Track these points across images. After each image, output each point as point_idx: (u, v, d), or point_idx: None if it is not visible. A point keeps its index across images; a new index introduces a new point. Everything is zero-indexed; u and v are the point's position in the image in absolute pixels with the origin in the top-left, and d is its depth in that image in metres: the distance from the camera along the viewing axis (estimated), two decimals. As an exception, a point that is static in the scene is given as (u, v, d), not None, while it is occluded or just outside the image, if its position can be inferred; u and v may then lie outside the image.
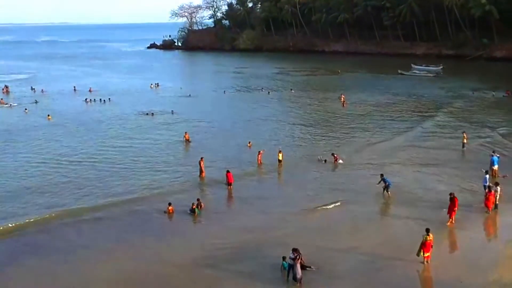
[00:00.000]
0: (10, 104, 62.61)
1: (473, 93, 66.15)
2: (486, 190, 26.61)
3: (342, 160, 35.54)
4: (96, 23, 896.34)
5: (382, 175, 29.35)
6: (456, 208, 24.57)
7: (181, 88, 77.87)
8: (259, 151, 35.96)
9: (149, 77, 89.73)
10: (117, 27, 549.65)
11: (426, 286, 20.00)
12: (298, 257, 19.41)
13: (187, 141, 42.20)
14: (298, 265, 19.31)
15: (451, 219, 24.59)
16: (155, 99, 67.49)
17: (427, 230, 20.97)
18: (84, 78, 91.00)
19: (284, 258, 20.24)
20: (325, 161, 35.52)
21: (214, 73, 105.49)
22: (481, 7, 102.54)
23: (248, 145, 39.84)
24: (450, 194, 25.16)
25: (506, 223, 25.33)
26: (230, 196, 29.96)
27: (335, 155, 35.49)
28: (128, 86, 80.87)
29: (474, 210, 26.45)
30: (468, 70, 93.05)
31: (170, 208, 26.63)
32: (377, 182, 29.15)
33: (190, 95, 70.04)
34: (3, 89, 74.51)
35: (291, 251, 19.63)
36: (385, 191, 28.74)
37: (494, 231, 25.42)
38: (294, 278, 19.35)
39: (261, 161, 35.35)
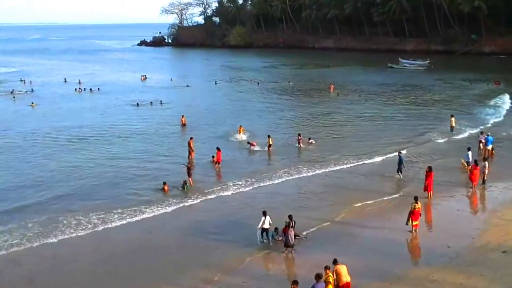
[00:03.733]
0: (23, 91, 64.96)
1: (470, 83, 66.18)
2: (472, 165, 26.96)
3: (312, 143, 36.12)
4: (85, 23, 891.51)
5: (400, 152, 29.07)
6: (427, 182, 24.78)
7: (171, 79, 78.07)
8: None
9: (138, 70, 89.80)
10: (107, 27, 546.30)
11: (415, 252, 20.19)
12: (289, 225, 19.56)
13: (183, 125, 42.50)
14: (292, 233, 19.38)
15: (429, 193, 24.82)
16: (145, 90, 67.62)
17: (415, 198, 21.29)
18: (73, 71, 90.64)
19: (276, 228, 20.59)
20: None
21: (205, 66, 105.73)
22: (470, 2, 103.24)
23: (240, 130, 39.10)
24: (428, 167, 25.43)
25: (491, 196, 25.72)
26: (219, 174, 30.13)
27: (300, 138, 35.73)
28: (117, 78, 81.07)
29: (461, 186, 26.90)
30: (458, 64, 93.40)
31: (165, 186, 26.81)
32: (398, 162, 28.26)
33: (187, 85, 70.51)
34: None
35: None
36: (398, 172, 28.10)
37: (480, 203, 25.70)
38: (286, 244, 19.42)
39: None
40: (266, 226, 20.21)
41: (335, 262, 16.07)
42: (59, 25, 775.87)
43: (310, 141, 36.47)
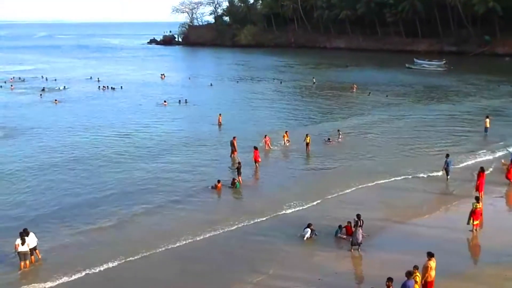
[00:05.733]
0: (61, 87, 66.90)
1: (498, 86, 65.68)
2: (509, 164, 27.56)
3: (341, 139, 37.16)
4: (92, 21, 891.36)
5: (447, 155, 28.74)
6: (479, 182, 25.03)
7: (189, 78, 78.58)
8: (265, 135, 35.92)
9: (154, 69, 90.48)
10: (114, 25, 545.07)
11: (479, 251, 20.53)
12: (357, 224, 20.04)
13: (219, 123, 42.98)
14: (360, 231, 19.76)
15: (480, 193, 24.90)
16: (167, 89, 67.99)
17: (477, 199, 21.68)
18: (88, 69, 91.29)
19: (340, 226, 21.08)
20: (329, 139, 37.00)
21: (219, 65, 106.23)
22: (485, 4, 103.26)
23: (285, 136, 37.00)
24: (480, 168, 25.78)
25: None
26: (257, 173, 30.47)
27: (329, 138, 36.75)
28: (136, 76, 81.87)
29: (507, 186, 27.17)
30: (473, 65, 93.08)
31: (218, 184, 27.13)
32: (444, 167, 28.11)
33: (211, 84, 70.79)
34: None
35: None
36: (447, 175, 28.05)
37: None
38: (353, 243, 19.76)
39: (269, 146, 35.30)
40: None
41: (430, 255, 16.31)
42: (64, 23, 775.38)
43: (339, 133, 37.15)
